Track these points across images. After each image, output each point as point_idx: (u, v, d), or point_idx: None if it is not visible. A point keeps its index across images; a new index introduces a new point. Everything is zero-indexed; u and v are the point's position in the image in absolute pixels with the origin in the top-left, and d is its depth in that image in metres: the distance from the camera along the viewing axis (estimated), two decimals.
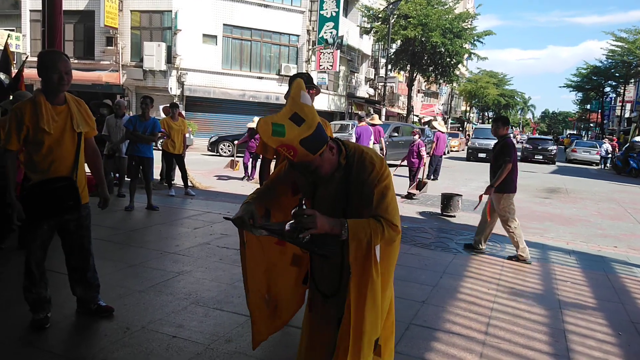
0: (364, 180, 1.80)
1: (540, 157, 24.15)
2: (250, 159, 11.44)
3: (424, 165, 11.05)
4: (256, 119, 10.40)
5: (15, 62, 8.91)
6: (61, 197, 2.98)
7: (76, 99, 3.12)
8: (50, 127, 2.89)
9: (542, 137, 30.94)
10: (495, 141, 5.71)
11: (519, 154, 10.31)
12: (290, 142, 1.64)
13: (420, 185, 10.33)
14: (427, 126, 29.95)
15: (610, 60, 39.01)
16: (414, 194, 10.07)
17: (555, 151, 24.72)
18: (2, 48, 6.53)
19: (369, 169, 1.80)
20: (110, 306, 3.39)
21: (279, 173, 2.13)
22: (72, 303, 3.39)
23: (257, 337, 2.30)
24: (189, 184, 8.87)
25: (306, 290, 2.35)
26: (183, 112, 10.32)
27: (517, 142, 46.21)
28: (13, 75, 5.96)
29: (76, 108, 3.06)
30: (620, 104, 43.18)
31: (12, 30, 22.97)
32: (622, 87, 41.83)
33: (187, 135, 8.88)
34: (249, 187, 9.78)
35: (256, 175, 10.93)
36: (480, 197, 5.73)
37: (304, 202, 1.73)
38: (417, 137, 11.06)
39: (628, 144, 22.39)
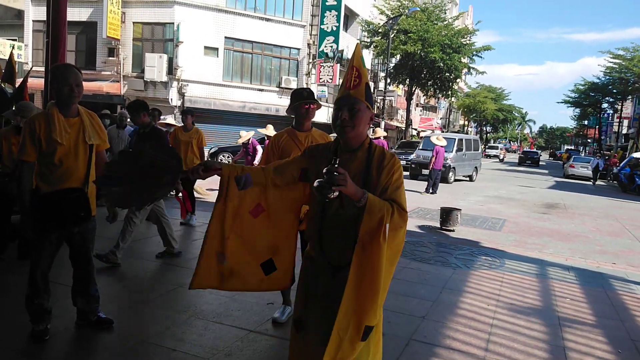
0: (384, 165, 1.94)
1: (529, 161, 41.37)
2: None
3: None
4: (243, 133, 10.33)
5: (18, 72, 8.97)
6: (73, 208, 3.00)
7: (89, 112, 3.16)
8: (62, 138, 2.93)
9: (530, 150, 54.30)
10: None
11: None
12: (364, 73, 1.95)
13: None
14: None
15: (607, 77, 39.19)
16: None
17: (538, 158, 43.25)
18: (7, 59, 6.59)
19: (390, 159, 1.97)
20: (110, 318, 3.38)
21: (294, 158, 2.18)
22: (72, 314, 3.37)
23: (197, 280, 2.22)
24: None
25: (265, 281, 2.27)
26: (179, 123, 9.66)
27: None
28: (17, 85, 6.01)
29: (89, 121, 3.10)
30: (618, 120, 43.46)
31: (15, 40, 23.12)
32: (620, 104, 42.08)
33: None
34: None
35: None
36: None
37: (336, 161, 1.76)
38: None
39: (628, 159, 22.56)
